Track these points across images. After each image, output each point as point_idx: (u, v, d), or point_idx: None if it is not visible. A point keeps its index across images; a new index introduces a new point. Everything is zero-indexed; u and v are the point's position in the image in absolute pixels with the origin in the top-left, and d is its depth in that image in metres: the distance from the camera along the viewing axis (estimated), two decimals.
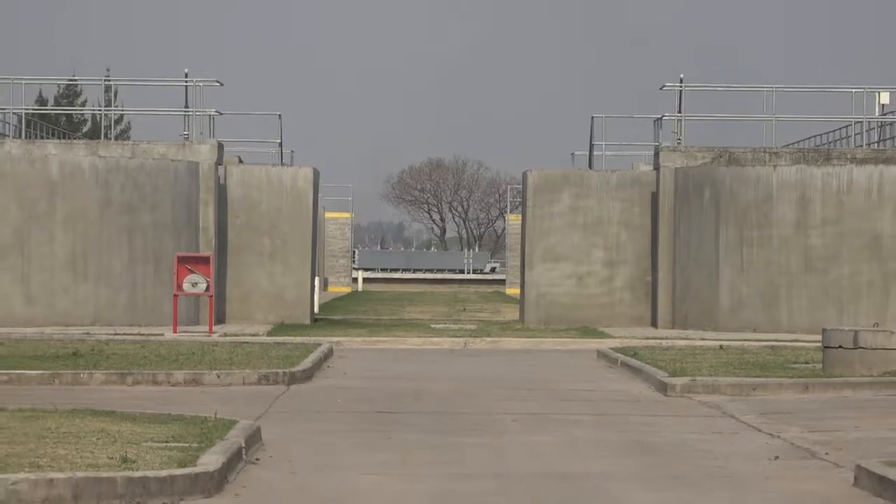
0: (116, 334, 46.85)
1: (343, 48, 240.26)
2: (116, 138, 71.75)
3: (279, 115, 62.73)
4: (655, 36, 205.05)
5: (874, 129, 65.28)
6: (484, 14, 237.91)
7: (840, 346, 34.96)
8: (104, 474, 18.14)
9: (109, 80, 77.29)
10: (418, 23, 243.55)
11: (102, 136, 66.02)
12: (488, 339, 50.62)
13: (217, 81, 60.38)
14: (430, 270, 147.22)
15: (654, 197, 57.55)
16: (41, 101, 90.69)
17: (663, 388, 32.97)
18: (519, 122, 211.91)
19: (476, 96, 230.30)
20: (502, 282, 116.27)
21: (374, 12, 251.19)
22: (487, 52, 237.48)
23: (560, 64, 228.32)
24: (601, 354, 42.98)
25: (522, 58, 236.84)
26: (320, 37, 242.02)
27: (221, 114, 60.18)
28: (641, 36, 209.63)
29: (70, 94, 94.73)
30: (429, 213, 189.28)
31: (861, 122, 64.67)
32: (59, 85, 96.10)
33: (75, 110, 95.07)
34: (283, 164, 61.54)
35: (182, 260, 50.96)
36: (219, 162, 56.82)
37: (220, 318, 53.84)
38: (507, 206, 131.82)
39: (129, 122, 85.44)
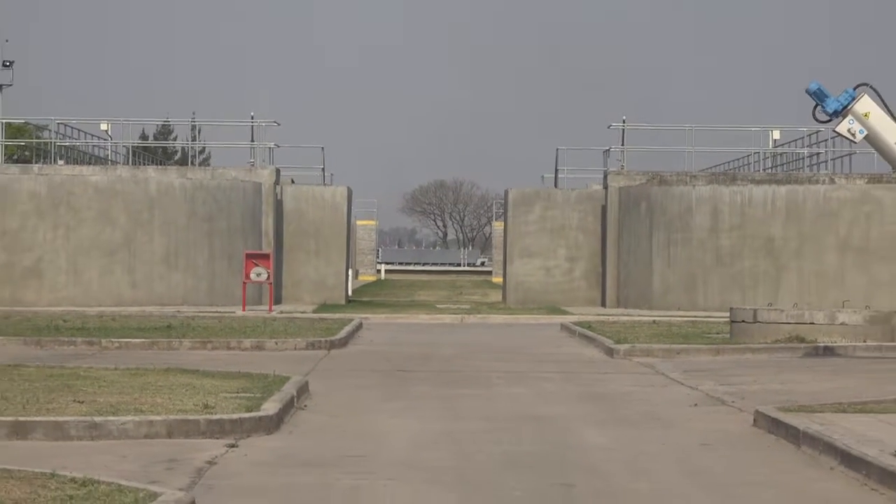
0: (199, 312, 46.85)
1: (373, 99, 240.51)
2: (200, 164, 71.70)
3: (322, 148, 63.00)
4: (605, 86, 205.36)
5: (769, 157, 65.46)
6: (479, 69, 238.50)
7: (743, 321, 34.97)
8: (190, 417, 18.20)
9: (195, 121, 77.48)
10: (430, 79, 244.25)
11: (189, 163, 66.11)
12: (479, 315, 50.59)
13: (275, 122, 60.66)
14: (435, 264, 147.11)
15: (604, 209, 57.61)
16: (143, 136, 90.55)
17: (610, 352, 32.94)
18: (502, 152, 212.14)
19: (470, 132, 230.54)
20: (489, 272, 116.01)
21: (395, 73, 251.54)
22: (480, 98, 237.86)
23: (534, 107, 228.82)
24: (564, 327, 42.99)
25: (505, 102, 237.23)
26: (357, 87, 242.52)
27: (278, 146, 60.34)
28: (595, 85, 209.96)
29: (165, 131, 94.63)
30: (434, 221, 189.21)
31: (759, 152, 64.83)
32: (157, 124, 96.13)
33: (169, 143, 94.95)
34: (324, 183, 61.61)
35: (249, 256, 51.03)
36: (276, 182, 56.96)
37: (278, 300, 53.83)
38: (493, 216, 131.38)
39: (209, 152, 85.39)
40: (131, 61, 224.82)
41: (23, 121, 73.24)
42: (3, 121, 63.59)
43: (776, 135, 63.52)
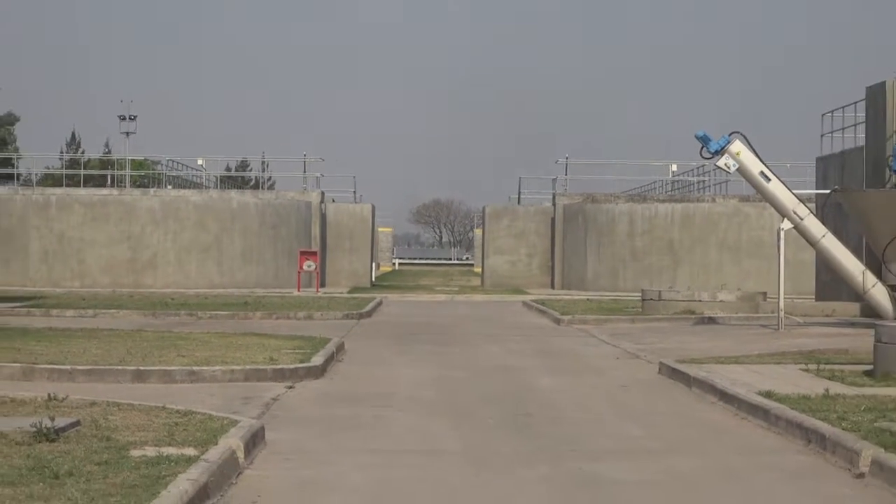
0: (267, 293, 46.90)
1: (391, 141, 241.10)
2: (268, 188, 71.58)
3: (353, 176, 63.61)
4: (556, 130, 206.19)
5: (669, 183, 65.66)
6: (468, 119, 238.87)
7: (651, 299, 35.03)
8: (261, 366, 18.20)
9: (264, 158, 77.41)
10: (432, 126, 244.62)
11: (260, 188, 66.04)
12: (465, 295, 50.62)
13: (321, 158, 60.76)
14: (434, 259, 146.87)
15: (552, 220, 57.69)
16: (228, 168, 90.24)
17: (557, 321, 32.97)
18: (481, 179, 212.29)
19: (459, 165, 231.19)
20: (472, 264, 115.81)
21: (408, 121, 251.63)
22: (467, 140, 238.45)
23: (504, 146, 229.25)
24: (524, 303, 42.99)
25: (484, 143, 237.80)
26: (381, 131, 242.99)
27: (323, 175, 60.34)
28: (549, 130, 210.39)
29: (243, 165, 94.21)
30: (433, 228, 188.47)
31: (662, 180, 65.04)
32: (237, 160, 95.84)
33: (245, 174, 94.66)
34: (355, 201, 61.70)
35: (302, 253, 51.11)
36: (322, 201, 57.04)
37: (322, 284, 53.88)
38: (474, 224, 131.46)
39: (274, 180, 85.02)
40: (220, 112, 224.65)
41: (143, 157, 73.28)
42: (129, 158, 63.71)
43: (674, 167, 63.96)
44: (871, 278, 28.02)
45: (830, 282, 35.79)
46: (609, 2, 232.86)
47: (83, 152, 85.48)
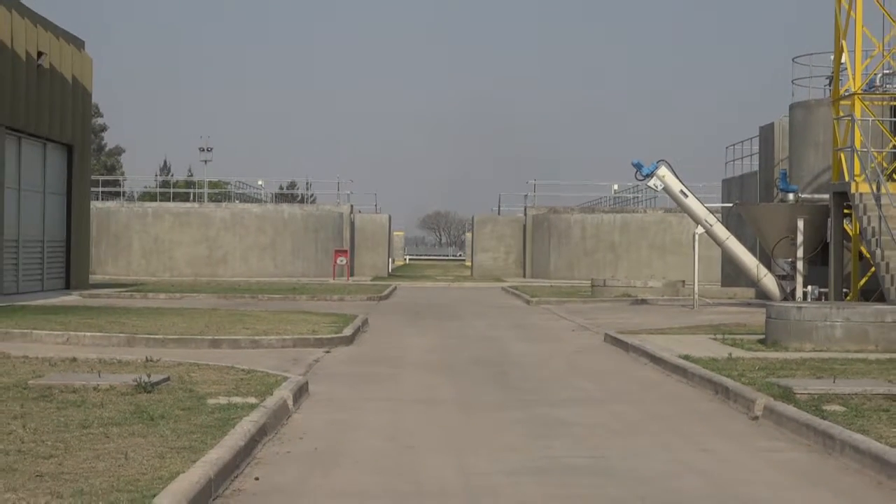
0: (310, 281, 46.83)
1: (403, 166, 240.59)
2: (311, 202, 71.52)
3: (375, 193, 63.47)
4: (530, 156, 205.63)
5: (612, 199, 65.66)
6: (460, 149, 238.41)
7: (598, 285, 35.01)
8: (306, 336, 18.15)
9: (309, 180, 77.43)
10: (434, 156, 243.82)
11: (304, 202, 65.85)
12: (458, 283, 50.46)
13: (351, 180, 61.10)
14: (436, 256, 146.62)
15: (524, 226, 57.61)
16: (280, 187, 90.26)
17: (528, 302, 32.93)
18: (471, 194, 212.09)
19: (455, 183, 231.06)
20: (464, 260, 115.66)
21: (416, 153, 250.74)
22: (460, 165, 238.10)
23: (488, 170, 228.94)
24: (503, 289, 42.90)
25: (472, 167, 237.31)
26: (395, 158, 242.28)
27: (353, 192, 60.46)
28: (523, 157, 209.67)
29: (292, 185, 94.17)
30: (435, 232, 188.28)
31: (607, 196, 65.00)
32: (287, 182, 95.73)
33: (294, 192, 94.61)
34: (376, 212, 61.55)
35: (336, 251, 51.00)
36: (351, 212, 56.93)
37: (351, 274, 53.77)
38: (466, 229, 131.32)
39: (315, 196, 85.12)
40: (278, 145, 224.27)
41: (217, 179, 73.28)
42: (207, 179, 63.68)
43: (615, 187, 63.93)
44: (763, 270, 28.08)
45: (732, 272, 35.81)
46: (573, 64, 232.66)
47: (172, 175, 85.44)
